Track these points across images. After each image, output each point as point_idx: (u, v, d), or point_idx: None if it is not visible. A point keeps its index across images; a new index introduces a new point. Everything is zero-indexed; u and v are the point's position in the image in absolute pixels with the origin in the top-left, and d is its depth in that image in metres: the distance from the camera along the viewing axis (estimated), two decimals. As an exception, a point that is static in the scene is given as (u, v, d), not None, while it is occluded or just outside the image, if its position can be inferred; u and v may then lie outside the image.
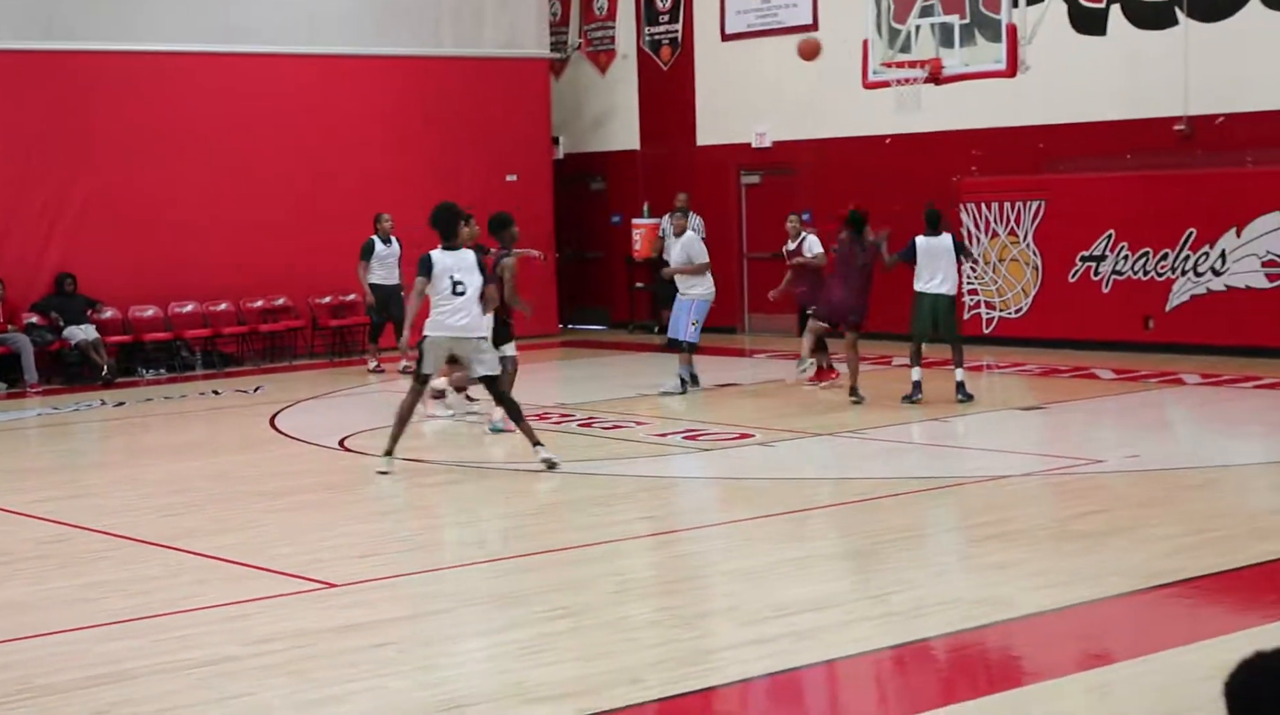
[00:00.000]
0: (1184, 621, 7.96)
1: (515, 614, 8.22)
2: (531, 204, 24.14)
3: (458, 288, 12.52)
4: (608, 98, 25.56)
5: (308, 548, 10.08)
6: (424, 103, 23.21)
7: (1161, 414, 15.07)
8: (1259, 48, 18.37)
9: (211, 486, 12.53)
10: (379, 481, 12.48)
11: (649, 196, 24.42)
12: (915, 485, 11.66)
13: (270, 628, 8.12)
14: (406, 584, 9.12)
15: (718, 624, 8.07)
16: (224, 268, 21.42)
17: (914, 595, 8.41)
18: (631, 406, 16.19)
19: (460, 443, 14.51)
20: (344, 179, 22.31)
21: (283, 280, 21.88)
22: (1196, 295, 18.55)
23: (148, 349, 20.83)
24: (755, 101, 23.29)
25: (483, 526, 10.77)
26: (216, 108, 21.49)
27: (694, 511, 11.18)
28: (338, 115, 22.45)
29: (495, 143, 23.75)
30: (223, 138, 21.51)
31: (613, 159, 25.48)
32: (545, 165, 24.58)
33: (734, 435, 14.08)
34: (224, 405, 17.74)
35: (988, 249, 20.36)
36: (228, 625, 8.21)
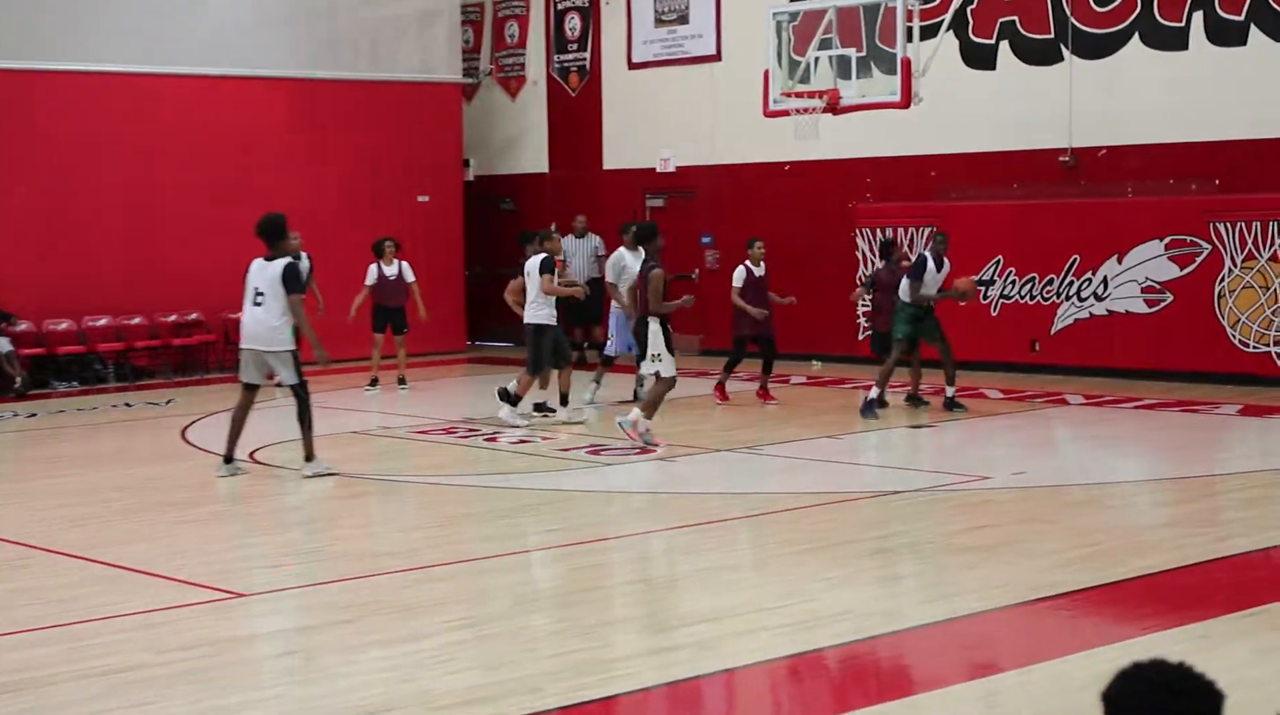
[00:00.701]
0: (1065, 633, 8.04)
1: (420, 624, 8.18)
2: (442, 224, 24.13)
3: (256, 299, 12.68)
4: (518, 122, 25.54)
5: (218, 558, 10.00)
6: (340, 124, 23.10)
7: (1046, 433, 15.24)
8: (1138, 84, 18.67)
9: (124, 497, 12.38)
10: (289, 493, 12.39)
11: (557, 217, 24.39)
12: (810, 500, 11.70)
13: (180, 636, 8.04)
14: (314, 594, 9.05)
15: (618, 634, 8.07)
16: (138, 282, 21.20)
17: (809, 607, 8.44)
18: (536, 422, 16.13)
19: (374, 455, 14.41)
20: (258, 198, 22.03)
21: (195, 295, 21.67)
22: (1080, 319, 18.79)
23: (61, 361, 20.57)
24: (660, 128, 23.36)
25: (390, 538, 10.71)
26: (133, 125, 21.30)
27: (596, 525, 11.16)
28: (253, 135, 22.29)
29: (408, 164, 23.68)
30: (139, 155, 21.31)
31: (522, 181, 25.45)
32: (456, 186, 24.53)
33: (637, 450, 14.07)
34: (136, 417, 17.54)
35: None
36: (139, 633, 8.12)
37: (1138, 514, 11.30)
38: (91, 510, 11.85)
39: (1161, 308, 18.14)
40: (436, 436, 15.33)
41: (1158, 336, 18.15)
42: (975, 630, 8.12)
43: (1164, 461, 13.51)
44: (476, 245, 25.27)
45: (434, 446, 14.84)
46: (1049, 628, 8.16)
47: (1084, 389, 17.57)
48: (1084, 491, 11.92)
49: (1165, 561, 9.33)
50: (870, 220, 20.63)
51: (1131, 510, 11.45)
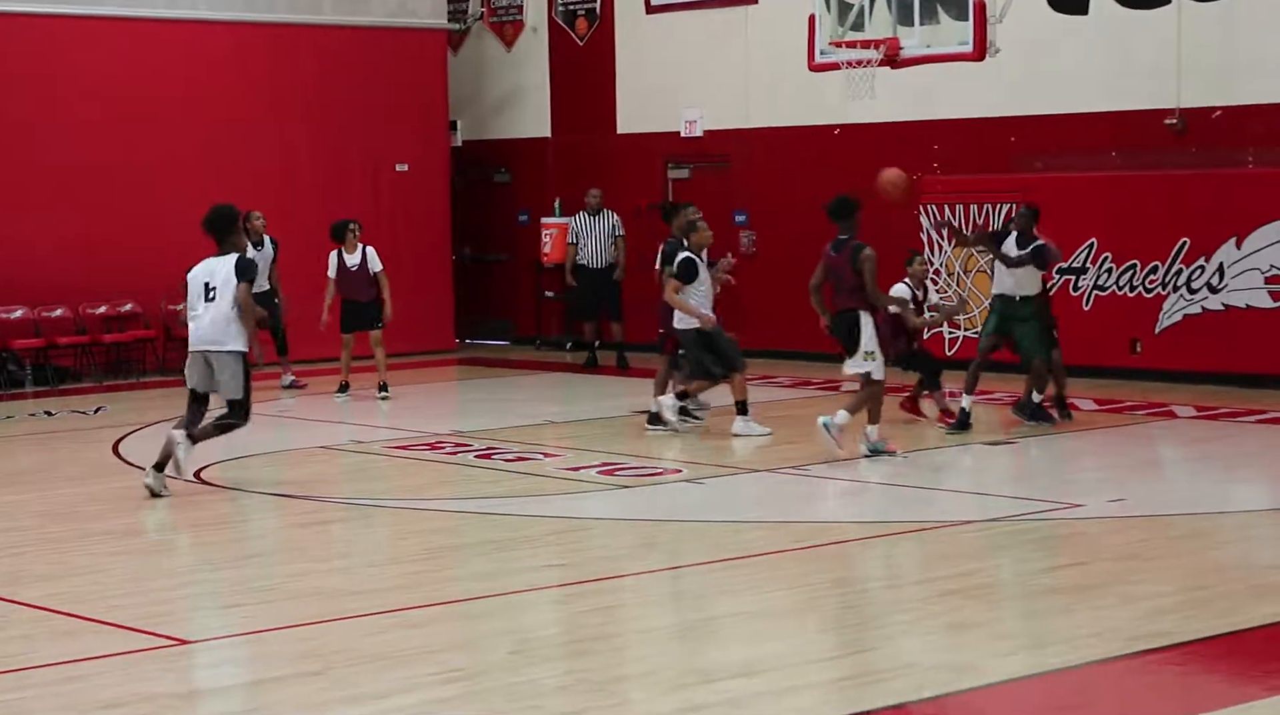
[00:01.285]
0: (1173, 692, 8.01)
1: (399, 676, 8.16)
2: (424, 198, 24.16)
3: (209, 295, 13.21)
4: (514, 77, 25.55)
5: (156, 597, 10.00)
6: (300, 80, 23.12)
7: (1150, 451, 15.19)
8: (1262, 30, 18.59)
9: (44, 523, 12.40)
10: (243, 520, 12.39)
11: (561, 191, 24.42)
12: (864, 530, 11.67)
13: (111, 692, 8.02)
14: (272, 641, 9.05)
15: (635, 690, 8.04)
16: (61, 267, 21.22)
17: (862, 659, 8.43)
18: (538, 435, 16.16)
19: (345, 475, 14.42)
20: (206, 167, 22.13)
21: (131, 283, 21.68)
22: (1190, 315, 18.74)
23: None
24: (685, 84, 23.34)
25: (363, 574, 10.70)
26: (58, 77, 21.31)
27: (609, 559, 11.16)
28: (200, 92, 22.31)
29: (383, 127, 23.70)
30: (64, 113, 21.34)
31: (519, 148, 25.46)
32: (441, 154, 24.55)
33: (658, 470, 14.06)
34: (59, 428, 17.57)
35: (950, 258, 20.50)
36: (60, 689, 8.11)
37: (1259, 550, 11.26)
38: (4, 539, 11.83)
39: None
40: (419, 452, 15.33)
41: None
42: (1064, 688, 8.08)
43: (1291, 486, 13.49)
44: (465, 224, 25.29)
45: (416, 464, 14.84)
46: (1153, 685, 8.12)
47: (1195, 398, 17.52)
48: (1194, 523, 11.87)
49: (1293, 607, 9.31)
50: (937, 195, 20.59)
51: (1252, 545, 11.40)
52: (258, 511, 13.24)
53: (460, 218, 24.96)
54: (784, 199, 21.84)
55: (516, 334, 25.47)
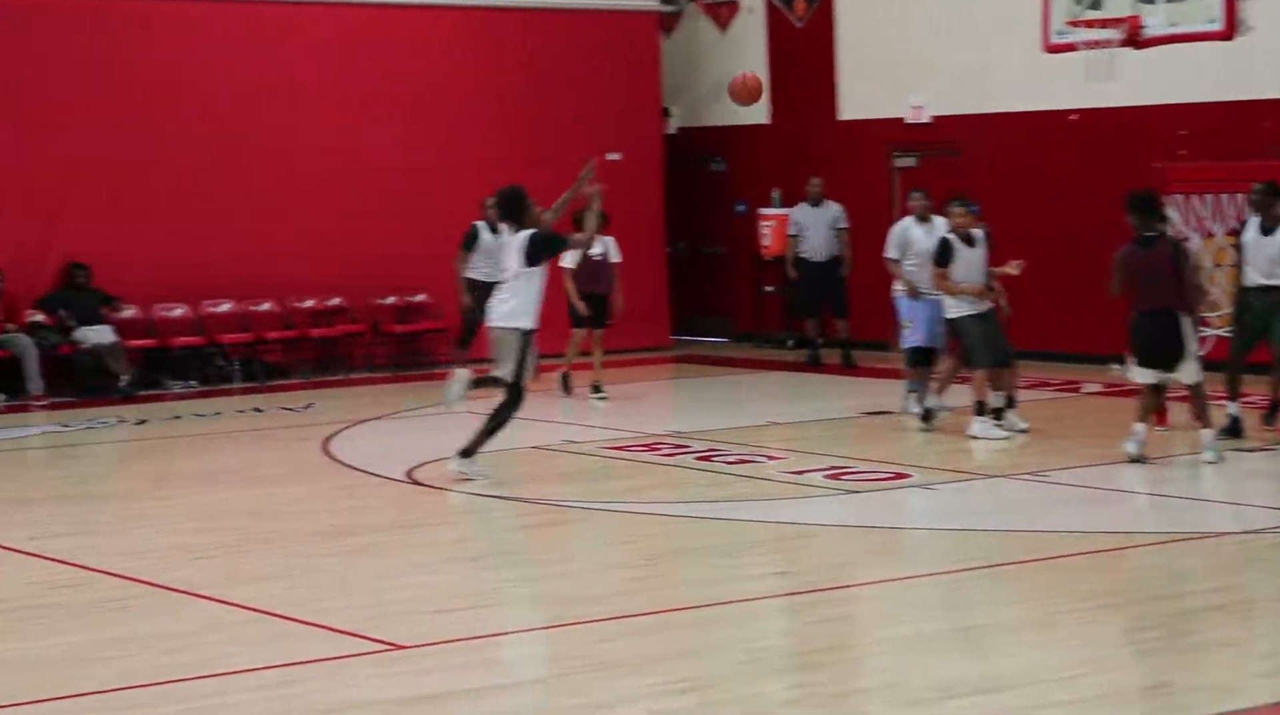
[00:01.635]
0: None
1: (625, 686, 8.19)
2: (637, 188, 24.15)
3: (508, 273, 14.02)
4: (730, 60, 25.49)
5: (369, 600, 10.12)
6: (508, 67, 23.27)
7: None
8: None
9: (253, 524, 12.63)
10: (459, 522, 12.51)
11: (780, 182, 24.36)
12: (1113, 541, 11.48)
13: (324, 698, 8.14)
14: (490, 647, 9.12)
15: (870, 705, 8.01)
16: (269, 261, 21.54)
17: (1110, 678, 8.29)
18: (760, 436, 16.13)
19: (560, 476, 14.50)
20: (416, 155, 22.40)
21: (338, 277, 21.98)
22: None
23: (176, 356, 21.02)
24: (911, 67, 23.15)
25: (584, 579, 10.75)
26: (266, 66, 21.65)
27: (839, 566, 11.11)
28: (406, 80, 22.54)
29: (594, 115, 23.76)
30: (272, 103, 21.66)
31: (736, 135, 25.42)
32: (654, 142, 24.59)
33: (887, 474, 13.98)
34: (267, 425, 17.87)
35: (1200, 253, 20.10)
36: (272, 693, 8.24)
37: None
38: (212, 539, 12.06)
39: None
40: (636, 453, 15.37)
41: None
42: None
43: None
44: (680, 215, 25.30)
45: (633, 466, 14.90)
46: None
47: None
48: None
49: None
50: (1184, 184, 20.18)
51: None
52: (472, 513, 13.36)
53: (674, 209, 24.97)
54: (1017, 189, 21.56)
55: (735, 330, 25.43)
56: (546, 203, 22.48)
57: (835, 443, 15.85)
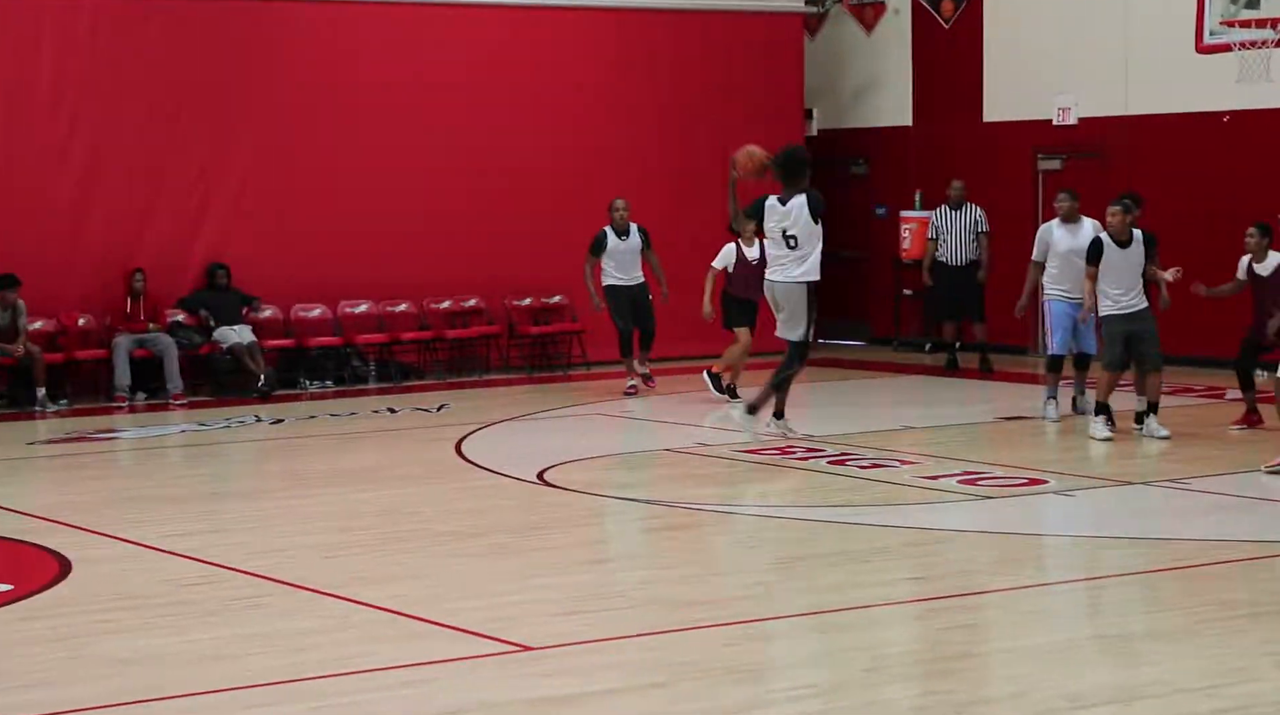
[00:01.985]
0: None
1: (751, 692, 8.21)
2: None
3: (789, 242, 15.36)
4: (874, 62, 25.47)
5: (499, 601, 10.18)
6: (651, 66, 23.34)
7: None
8: None
9: (385, 523, 12.75)
10: (586, 525, 12.56)
11: (921, 183, 24.27)
12: (1254, 550, 11.40)
13: (453, 698, 8.22)
14: (618, 649, 9.16)
15: (1000, 714, 7.97)
16: (405, 261, 21.74)
17: (1252, 689, 8.21)
18: (894, 441, 16.09)
19: (691, 479, 14.52)
20: (553, 156, 22.52)
21: (474, 278, 22.16)
22: None
23: (313, 356, 21.26)
24: (1058, 68, 22.99)
25: (711, 582, 10.76)
26: (403, 69, 21.83)
27: (971, 573, 11.06)
28: (547, 79, 22.66)
29: (736, 115, 23.75)
30: (409, 105, 21.84)
31: (878, 137, 25.38)
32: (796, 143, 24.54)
33: (1023, 480, 13.91)
34: (401, 426, 18.03)
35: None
36: (401, 693, 8.32)
37: None
38: (344, 538, 12.20)
39: None
40: (769, 457, 15.37)
41: None
42: None
43: None
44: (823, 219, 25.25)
45: (766, 470, 14.92)
46: None
47: None
48: None
49: None
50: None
51: None
52: (603, 515, 13.44)
53: (815, 211, 24.92)
54: (1165, 192, 21.34)
55: (873, 334, 25.37)
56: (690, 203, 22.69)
57: (971, 448, 15.80)
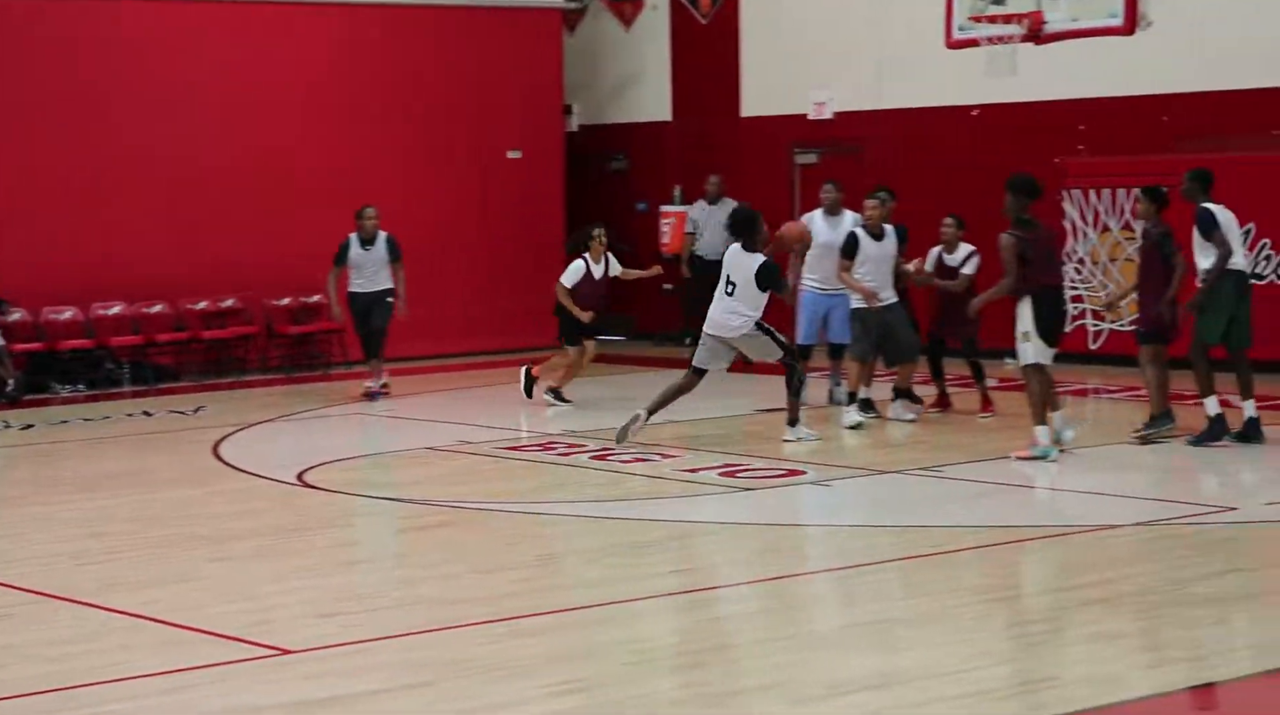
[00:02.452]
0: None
1: (513, 689, 8.24)
2: (538, 186, 24.24)
3: (728, 289, 15.35)
4: (633, 58, 25.60)
5: (257, 605, 10.12)
6: (407, 62, 23.26)
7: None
8: None
9: (140, 529, 12.57)
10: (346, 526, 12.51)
11: (681, 179, 24.46)
12: (1001, 535, 11.66)
13: (210, 704, 8.16)
14: (379, 650, 9.14)
15: (757, 704, 8.07)
16: (159, 262, 21.47)
17: (999, 672, 8.42)
18: (656, 435, 16.18)
19: (453, 477, 14.52)
20: (309, 155, 22.37)
21: (231, 278, 21.94)
22: (1358, 306, 18.49)
23: (64, 359, 20.90)
24: (814, 64, 23.30)
25: (473, 581, 10.78)
26: (151, 64, 21.56)
27: (731, 565, 11.19)
28: (303, 76, 22.51)
29: (494, 112, 23.82)
30: (160, 102, 21.57)
31: (638, 132, 25.52)
32: (555, 139, 24.64)
33: (781, 472, 14.09)
34: (157, 429, 17.79)
35: (1096, 246, 20.36)
36: (160, 700, 8.24)
37: None
38: (98, 544, 12.03)
39: None
40: (531, 453, 15.44)
41: None
42: (1219, 705, 8.04)
43: None
44: (580, 214, 25.35)
45: (527, 466, 14.97)
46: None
47: (1363, 394, 17.31)
48: (1360, 527, 11.76)
49: None
50: (1083, 179, 20.46)
51: None
52: (363, 515, 13.39)
53: (575, 207, 25.02)
54: (918, 185, 21.73)
55: (636, 329, 25.51)
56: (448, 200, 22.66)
57: (731, 440, 15.95)
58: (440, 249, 22.87)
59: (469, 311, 23.59)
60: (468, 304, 23.58)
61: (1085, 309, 20.46)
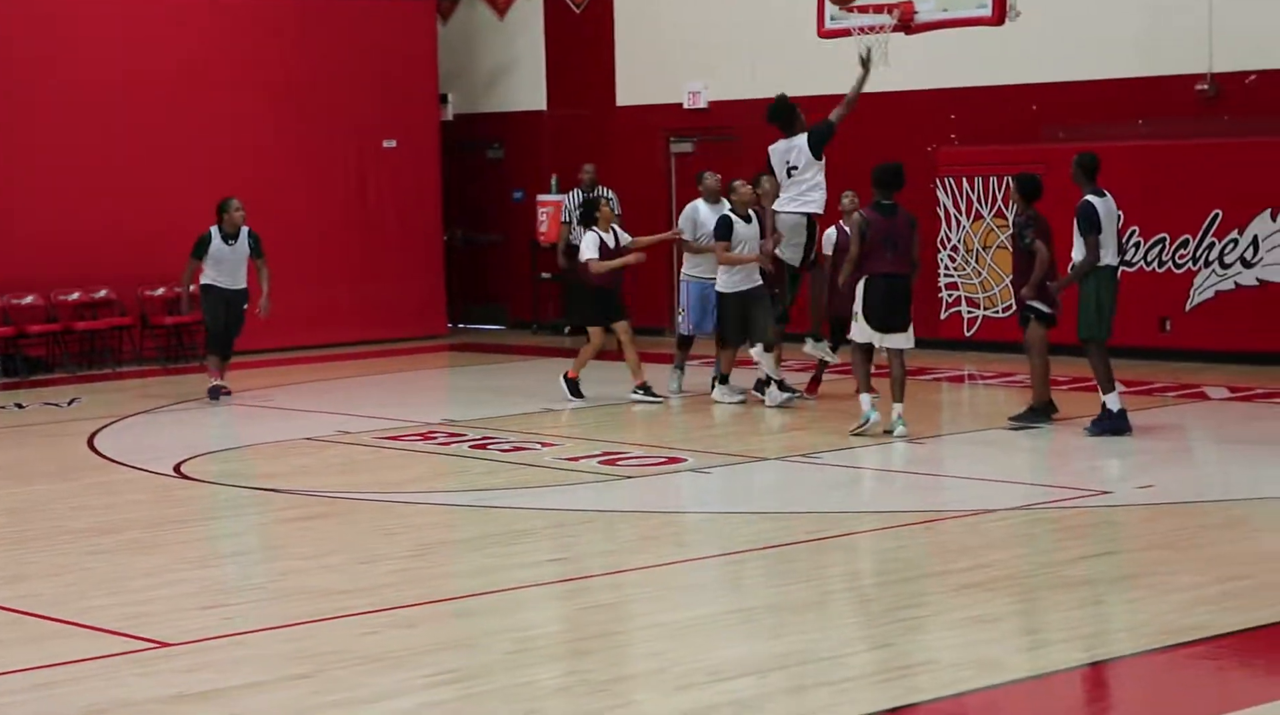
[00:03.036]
0: (1210, 689, 8.01)
1: (393, 679, 8.17)
2: (413, 175, 24.16)
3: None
4: (507, 47, 25.54)
5: (134, 598, 10.00)
6: (284, 51, 23.10)
7: (1181, 436, 15.18)
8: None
9: (14, 522, 12.42)
10: (223, 517, 12.41)
11: (558, 168, 24.41)
12: (879, 521, 11.72)
13: (88, 698, 8.04)
14: (258, 642, 9.06)
15: (639, 691, 8.05)
16: (31, 251, 21.22)
17: (878, 656, 8.44)
18: (535, 424, 16.18)
19: (332, 467, 14.43)
20: (183, 143, 22.16)
21: (104, 268, 21.70)
22: (1223, 291, 18.73)
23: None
24: (688, 54, 23.33)
25: (352, 571, 10.70)
26: (22, 44, 21.25)
27: (611, 553, 11.17)
28: (176, 63, 22.27)
29: (369, 101, 23.70)
30: (28, 87, 21.29)
31: (514, 121, 25.46)
32: (431, 128, 24.55)
33: (661, 459, 14.10)
34: (30, 421, 17.59)
35: (969, 234, 20.50)
36: (34, 695, 8.12)
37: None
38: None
39: (1325, 276, 18.11)
40: (411, 443, 15.34)
41: (1321, 312, 18.12)
42: (1093, 684, 8.10)
43: (1330, 470, 13.47)
44: (457, 203, 25.28)
45: (407, 456, 14.86)
46: (1187, 681, 8.13)
47: (1228, 379, 17.52)
48: (1227, 511, 11.87)
49: (1333, 597, 9.31)
50: (955, 167, 20.60)
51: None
52: (241, 507, 13.26)
53: (452, 196, 24.95)
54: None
55: (512, 318, 25.46)
56: (321, 188, 22.50)
57: (610, 428, 15.95)
58: (317, 238, 22.72)
59: (347, 301, 23.45)
60: (346, 293, 23.42)
61: (959, 297, 20.56)
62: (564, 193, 23.45)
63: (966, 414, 16.15)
